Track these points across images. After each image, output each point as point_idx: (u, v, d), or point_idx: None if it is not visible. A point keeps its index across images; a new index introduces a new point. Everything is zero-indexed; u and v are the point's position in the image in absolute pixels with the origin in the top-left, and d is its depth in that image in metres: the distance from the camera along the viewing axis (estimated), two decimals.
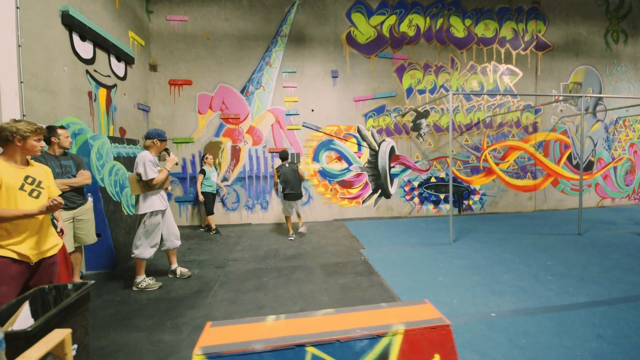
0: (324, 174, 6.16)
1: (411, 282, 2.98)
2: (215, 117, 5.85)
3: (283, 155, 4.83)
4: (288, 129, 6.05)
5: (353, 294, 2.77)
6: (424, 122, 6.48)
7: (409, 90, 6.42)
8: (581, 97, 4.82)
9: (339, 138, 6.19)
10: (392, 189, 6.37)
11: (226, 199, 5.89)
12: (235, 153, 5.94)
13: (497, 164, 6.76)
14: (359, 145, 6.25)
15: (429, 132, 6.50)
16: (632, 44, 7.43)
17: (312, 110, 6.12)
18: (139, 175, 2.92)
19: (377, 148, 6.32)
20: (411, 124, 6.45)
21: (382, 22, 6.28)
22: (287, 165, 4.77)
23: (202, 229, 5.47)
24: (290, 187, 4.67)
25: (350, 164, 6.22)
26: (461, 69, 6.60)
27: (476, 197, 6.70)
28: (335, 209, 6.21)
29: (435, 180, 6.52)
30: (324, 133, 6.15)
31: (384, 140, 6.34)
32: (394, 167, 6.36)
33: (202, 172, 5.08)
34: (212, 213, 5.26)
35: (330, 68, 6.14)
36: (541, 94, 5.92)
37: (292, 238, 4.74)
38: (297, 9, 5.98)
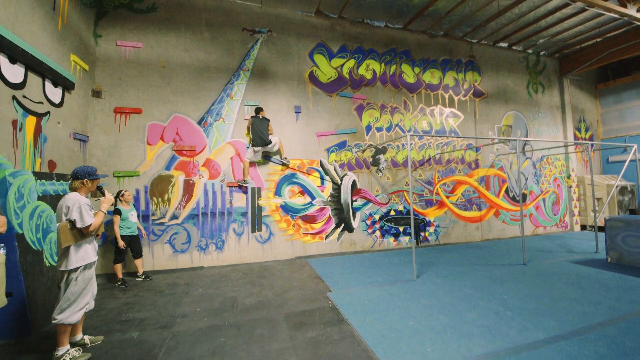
0: (286, 208, 5.97)
1: (383, 330, 2.85)
2: (167, 149, 5.42)
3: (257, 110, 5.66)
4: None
5: (324, 350, 2.55)
6: (382, 157, 6.79)
7: (368, 128, 6.75)
8: (512, 140, 5.51)
9: (302, 172, 6.15)
10: (355, 223, 6.39)
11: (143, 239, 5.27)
12: (189, 188, 5.50)
13: (447, 197, 7.26)
14: (322, 179, 6.26)
15: (387, 167, 6.80)
16: (547, 95, 8.91)
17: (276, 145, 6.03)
18: (72, 222, 2.46)
19: (339, 182, 6.38)
20: (371, 159, 6.70)
21: (342, 65, 6.65)
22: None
23: (138, 278, 4.67)
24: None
25: (313, 198, 6.15)
26: (412, 110, 7.19)
27: (431, 229, 7.03)
28: (298, 246, 5.98)
29: (394, 213, 6.73)
30: (287, 167, 6.06)
31: (346, 174, 6.45)
32: (355, 200, 6.44)
33: (117, 212, 4.39)
34: (140, 256, 4.65)
35: (294, 103, 6.22)
36: (480, 137, 6.65)
37: None
38: (261, 45, 6.08)
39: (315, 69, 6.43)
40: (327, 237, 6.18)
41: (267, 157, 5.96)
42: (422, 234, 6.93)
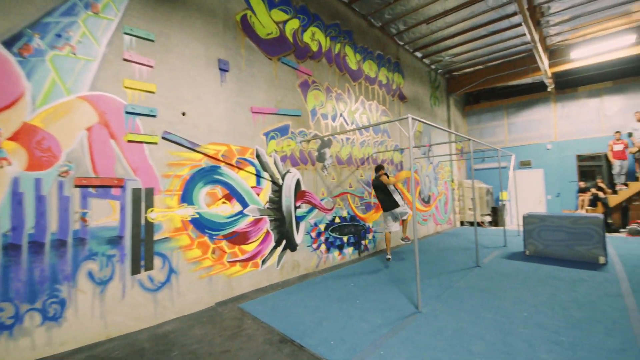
0: (201, 224, 3.63)
1: None
2: None
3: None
4: (129, 141, 3.15)
5: None
6: (327, 152, 5.44)
7: (313, 112, 5.23)
8: (426, 145, 5.44)
9: (230, 164, 3.95)
10: (299, 237, 4.75)
11: None
12: None
13: None
14: (259, 176, 4.26)
15: (332, 165, 5.51)
16: (441, 108, 10.06)
17: (184, 114, 3.57)
18: None
19: (280, 181, 4.56)
20: (316, 153, 5.22)
21: (285, 22, 4.83)
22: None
23: None
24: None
25: (245, 205, 4.06)
26: (355, 101, 6.22)
27: (370, 235, 6.29)
28: (221, 284, 3.77)
29: (339, 221, 5.53)
30: (204, 154, 3.71)
31: (288, 171, 4.69)
32: (299, 206, 4.80)
33: None
34: None
35: (218, 55, 3.91)
36: (452, 134, 6.44)
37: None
38: None
39: (250, 13, 4.32)
40: (263, 262, 4.24)
41: (166, 137, 3.42)
42: (363, 242, 6.07)
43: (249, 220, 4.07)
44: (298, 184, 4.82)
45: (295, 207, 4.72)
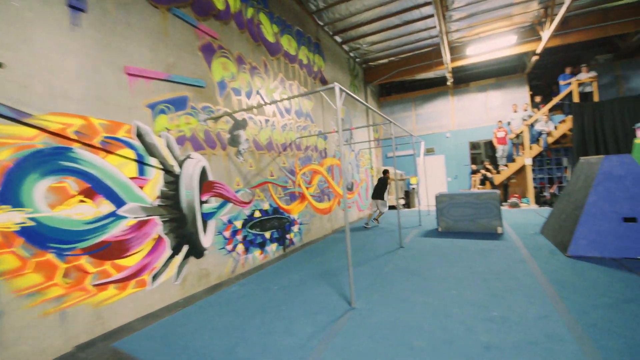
0: (41, 235, 2.40)
1: None
2: None
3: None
4: None
5: None
6: (242, 134, 4.57)
7: (222, 85, 4.28)
8: (347, 129, 5.33)
9: (89, 146, 2.74)
10: (207, 239, 3.80)
11: None
12: None
13: (307, 189, 6.26)
14: (142, 163, 3.14)
15: (249, 150, 4.69)
16: (359, 97, 10.15)
17: (2, 66, 2.24)
18: None
19: (177, 170, 3.52)
20: (228, 136, 4.30)
21: None
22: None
23: None
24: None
25: (120, 203, 2.92)
26: (273, 78, 5.48)
27: (295, 228, 5.74)
28: (84, 318, 2.61)
29: (260, 215, 4.77)
30: (42, 130, 2.44)
31: (189, 157, 3.67)
32: (207, 201, 3.85)
33: None
34: None
35: None
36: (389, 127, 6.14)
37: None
38: None
39: None
40: (154, 277, 3.18)
41: None
42: (288, 236, 5.46)
43: (127, 224, 2.95)
44: (204, 172, 3.85)
45: (201, 202, 3.76)
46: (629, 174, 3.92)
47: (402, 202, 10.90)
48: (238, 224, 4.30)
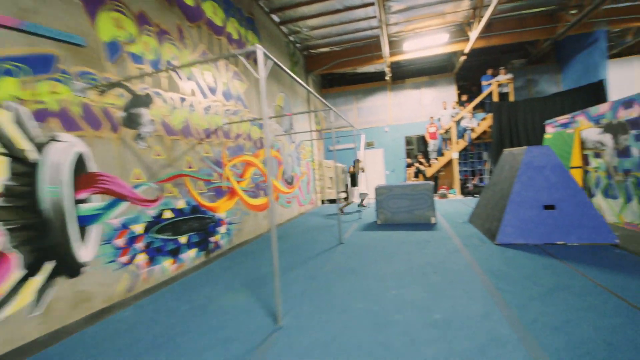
0: None
1: None
2: None
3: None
4: None
5: None
6: (145, 113, 3.61)
7: (113, 47, 3.26)
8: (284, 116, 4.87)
9: None
10: (86, 252, 2.83)
11: None
12: None
13: (238, 183, 5.49)
14: None
15: (155, 134, 3.74)
16: (300, 86, 9.59)
17: None
18: None
19: (35, 157, 2.48)
20: (123, 113, 3.31)
21: None
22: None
23: None
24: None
25: None
26: (192, 49, 4.56)
27: (223, 229, 4.95)
28: None
29: (172, 215, 3.88)
30: None
31: (56, 140, 2.64)
32: (85, 200, 2.86)
33: None
34: None
35: None
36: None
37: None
38: None
39: None
40: None
41: None
42: (213, 239, 4.65)
43: None
44: (82, 161, 2.85)
45: (77, 202, 2.77)
46: (548, 164, 4.16)
47: (344, 195, 10.79)
48: (138, 228, 3.37)
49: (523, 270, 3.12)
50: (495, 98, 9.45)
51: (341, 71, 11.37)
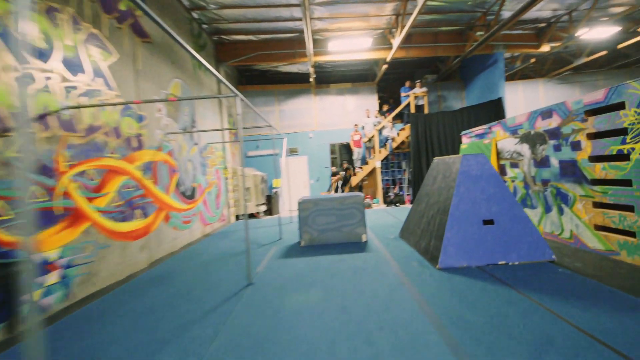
0: None
1: None
2: None
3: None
4: None
5: None
6: None
7: None
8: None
9: None
10: None
11: None
12: None
13: (91, 200, 3.59)
14: None
15: None
16: (209, 76, 7.91)
17: None
18: None
19: None
20: None
21: None
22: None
23: None
24: None
25: None
26: None
27: (53, 277, 3.01)
28: None
29: None
30: None
31: None
32: None
33: None
34: None
35: None
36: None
37: None
38: None
39: None
40: None
41: None
42: (26, 297, 2.68)
43: None
44: None
45: None
46: (484, 174, 3.76)
47: (263, 208, 9.40)
48: None
49: (481, 309, 2.42)
50: (413, 109, 9.68)
51: (261, 67, 10.12)
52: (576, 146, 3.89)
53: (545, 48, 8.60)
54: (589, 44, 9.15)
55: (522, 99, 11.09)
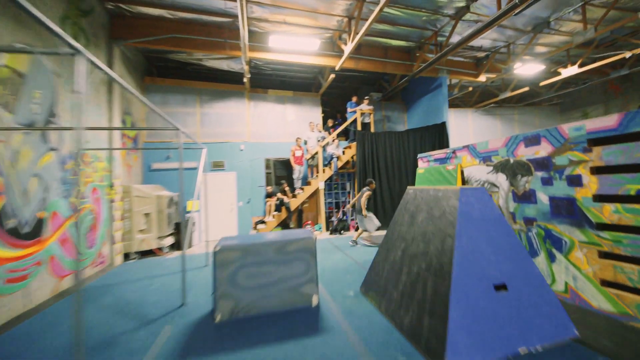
0: None
1: None
2: None
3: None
4: None
5: None
6: None
7: None
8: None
9: None
10: None
11: None
12: None
13: None
14: None
15: None
16: (94, 54, 5.47)
17: None
18: None
19: None
20: None
21: None
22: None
23: None
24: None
25: None
26: None
27: None
28: None
29: None
30: None
31: None
32: None
33: None
34: None
35: None
36: None
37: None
38: None
39: None
40: None
41: None
42: None
43: None
44: None
45: None
46: (489, 217, 2.70)
47: (170, 241, 6.97)
48: None
49: None
50: (359, 127, 8.84)
51: (180, 58, 7.95)
52: (575, 181, 3.19)
53: (482, 78, 8.86)
54: (514, 80, 9.91)
55: (454, 127, 11.50)
